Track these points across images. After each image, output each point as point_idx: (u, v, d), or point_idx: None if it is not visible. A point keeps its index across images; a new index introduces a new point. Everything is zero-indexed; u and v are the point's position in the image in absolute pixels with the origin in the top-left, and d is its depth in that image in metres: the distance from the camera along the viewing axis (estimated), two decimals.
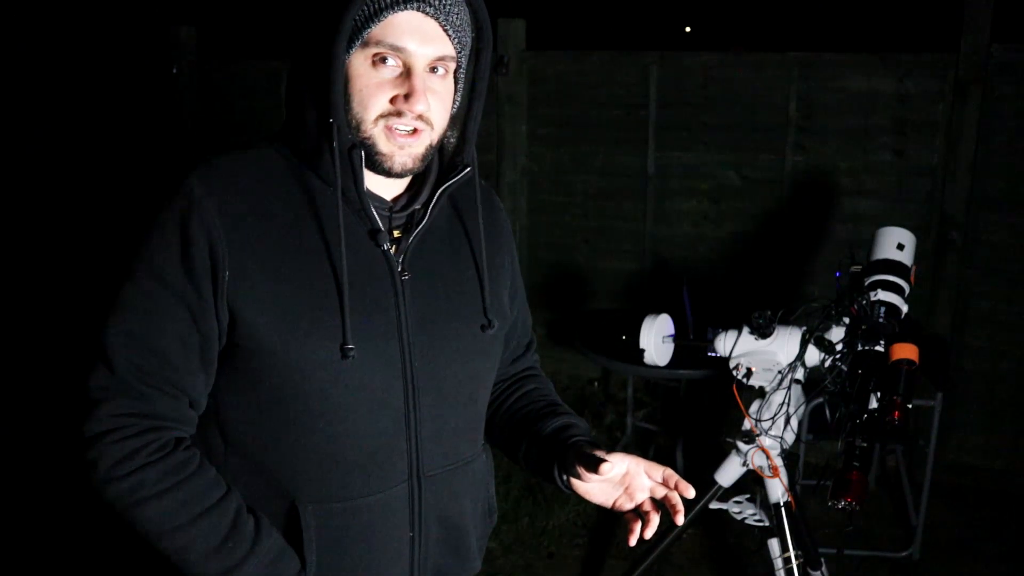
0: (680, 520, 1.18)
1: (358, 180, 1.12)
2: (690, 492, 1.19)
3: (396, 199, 1.21)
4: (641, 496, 1.23)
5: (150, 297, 1.09)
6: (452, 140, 1.24)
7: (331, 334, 1.12)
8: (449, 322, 1.22)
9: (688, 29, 16.81)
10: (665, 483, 1.20)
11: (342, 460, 1.16)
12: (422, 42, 1.09)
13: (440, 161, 1.24)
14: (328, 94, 1.09)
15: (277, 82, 4.53)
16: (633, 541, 1.22)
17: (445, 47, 1.12)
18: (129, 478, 1.07)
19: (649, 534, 1.21)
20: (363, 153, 1.12)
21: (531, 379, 1.46)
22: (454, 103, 1.19)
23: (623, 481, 1.24)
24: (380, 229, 1.16)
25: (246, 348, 1.12)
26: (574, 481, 1.25)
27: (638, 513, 1.23)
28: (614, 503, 1.26)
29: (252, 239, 1.10)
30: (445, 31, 1.11)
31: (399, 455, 1.19)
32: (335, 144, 1.10)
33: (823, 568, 2.36)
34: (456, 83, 1.19)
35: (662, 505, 1.21)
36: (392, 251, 1.18)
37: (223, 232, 1.09)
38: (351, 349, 1.12)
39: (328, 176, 1.13)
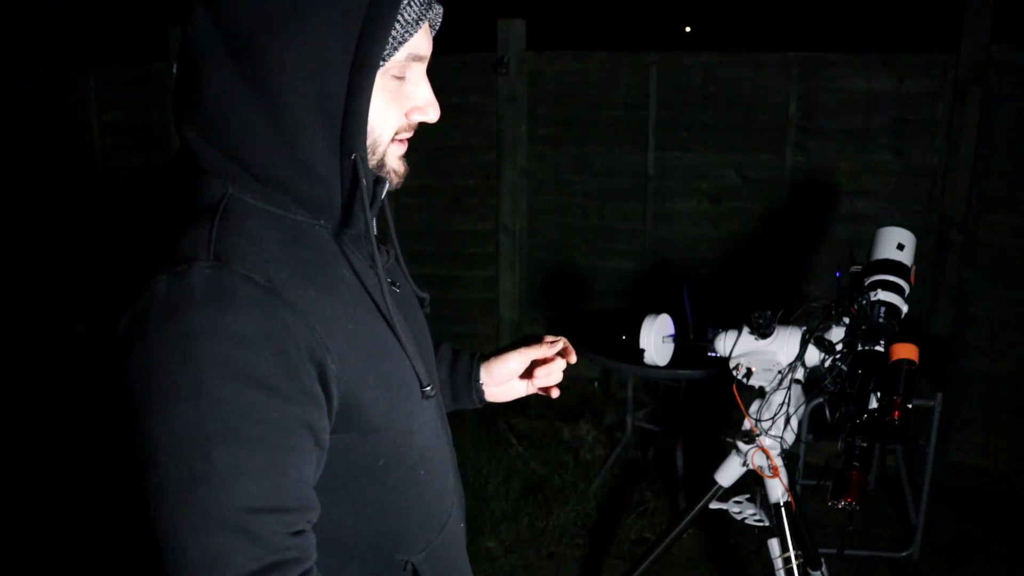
0: (572, 359, 1.39)
1: (368, 213, 0.99)
2: (573, 358, 1.38)
3: None
4: (542, 371, 1.38)
5: (271, 443, 0.85)
6: None
7: (411, 384, 1.04)
8: (417, 313, 1.20)
9: (688, 29, 16.80)
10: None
11: (436, 497, 1.15)
12: (429, 46, 1.01)
13: None
14: (348, 126, 0.92)
15: None
16: (556, 393, 1.41)
17: (431, 43, 1.03)
18: None
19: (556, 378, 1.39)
20: (387, 185, 1.02)
21: None
22: None
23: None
24: (378, 251, 1.04)
25: (351, 433, 0.97)
26: (489, 389, 1.41)
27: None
28: (525, 389, 1.43)
29: (326, 314, 0.91)
30: (433, 27, 1.04)
31: (451, 463, 1.21)
32: (363, 181, 0.94)
33: (823, 568, 2.35)
34: None
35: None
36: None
37: (306, 317, 0.88)
38: (429, 389, 1.06)
39: (340, 217, 0.98)
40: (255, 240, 0.89)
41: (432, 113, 1.02)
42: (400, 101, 0.99)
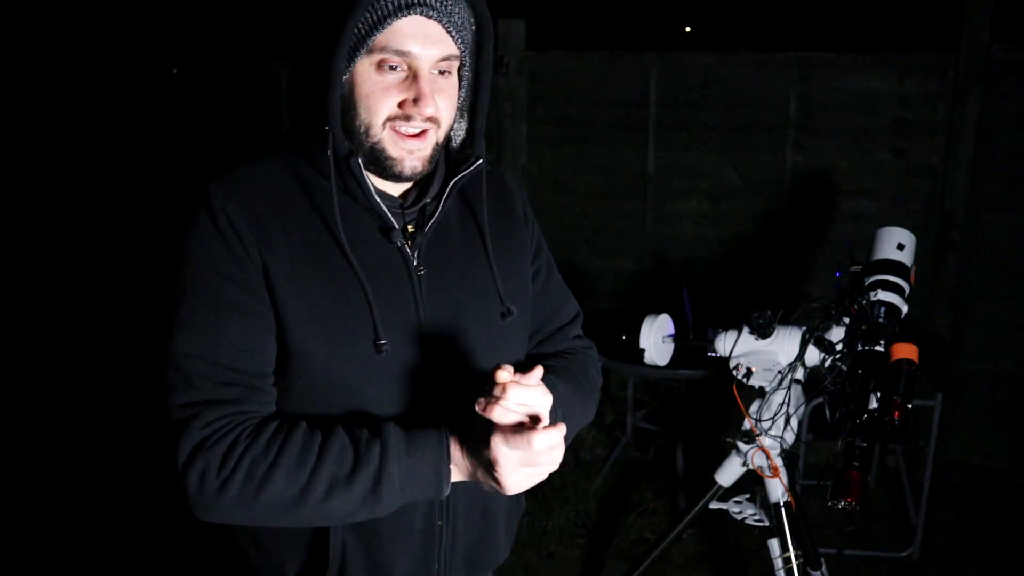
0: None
1: (362, 183, 1.14)
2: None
3: (405, 195, 1.22)
4: None
5: (211, 310, 1.09)
6: (460, 133, 1.26)
7: (361, 331, 1.13)
8: (467, 313, 1.23)
9: (688, 29, 16.81)
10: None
11: None
12: (426, 45, 1.10)
13: (447, 154, 1.25)
14: (326, 102, 1.09)
15: (277, 82, 4.53)
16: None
17: (449, 48, 1.13)
18: (240, 466, 1.05)
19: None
20: (360, 160, 1.13)
21: (561, 357, 1.36)
22: (459, 98, 1.20)
23: None
24: (393, 227, 1.17)
25: (284, 350, 1.13)
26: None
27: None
28: None
29: (277, 241, 1.12)
30: (448, 32, 1.12)
31: None
32: (329, 152, 1.10)
33: (823, 568, 2.35)
34: (460, 79, 1.20)
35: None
36: (407, 247, 1.19)
37: (251, 232, 1.10)
38: (384, 344, 1.13)
39: (333, 180, 1.14)
40: (244, 179, 1.14)
41: (421, 106, 1.10)
42: (388, 90, 1.10)
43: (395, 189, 1.21)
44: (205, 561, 2.91)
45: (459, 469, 1.10)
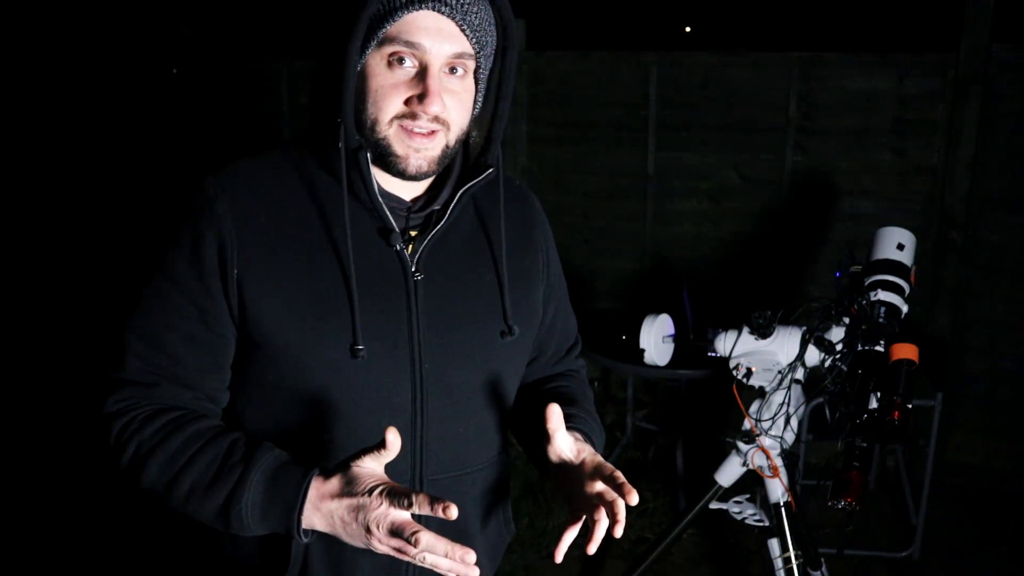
0: (618, 532, 1.04)
1: (367, 180, 1.11)
2: (633, 498, 1.04)
3: (415, 199, 1.20)
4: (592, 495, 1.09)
5: (161, 297, 1.13)
6: (478, 141, 1.22)
7: (340, 332, 1.11)
8: (464, 325, 1.19)
9: (688, 29, 16.80)
10: (613, 479, 1.07)
11: (342, 456, 1.13)
12: (437, 40, 1.08)
13: (464, 161, 1.22)
14: (340, 94, 1.08)
15: (277, 82, 4.54)
16: (592, 549, 1.07)
17: (462, 45, 1.10)
18: (131, 441, 1.11)
19: (592, 549, 1.07)
20: (368, 155, 1.11)
21: (566, 377, 1.42)
22: (476, 103, 1.18)
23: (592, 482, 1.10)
24: (392, 229, 1.14)
25: (255, 343, 1.13)
26: (554, 476, 1.17)
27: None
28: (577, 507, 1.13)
29: (263, 237, 1.12)
30: (462, 30, 1.10)
31: (401, 456, 1.16)
32: (340, 145, 1.09)
33: (823, 568, 2.36)
34: (477, 83, 1.17)
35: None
36: (407, 251, 1.16)
37: (234, 229, 1.10)
38: (360, 349, 1.11)
39: (339, 175, 1.12)
40: (243, 173, 1.15)
41: (427, 103, 1.07)
42: (396, 87, 1.09)
43: (406, 192, 1.18)
44: (188, 551, 2.91)
45: (321, 517, 1.04)
